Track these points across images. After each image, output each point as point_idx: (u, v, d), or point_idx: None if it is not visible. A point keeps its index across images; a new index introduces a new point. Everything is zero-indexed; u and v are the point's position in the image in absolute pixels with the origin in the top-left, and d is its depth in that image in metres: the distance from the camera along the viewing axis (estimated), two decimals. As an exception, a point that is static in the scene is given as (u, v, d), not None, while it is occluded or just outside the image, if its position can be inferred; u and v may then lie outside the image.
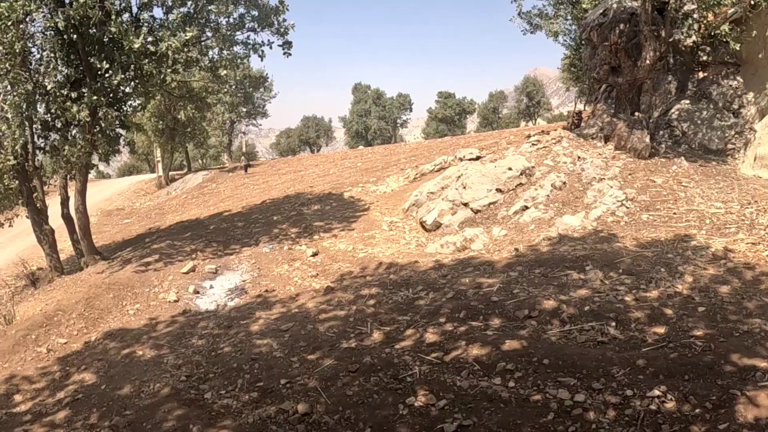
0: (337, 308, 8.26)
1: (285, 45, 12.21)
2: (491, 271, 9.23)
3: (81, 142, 11.23)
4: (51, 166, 14.80)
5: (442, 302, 7.81)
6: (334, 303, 8.52)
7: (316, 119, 55.21)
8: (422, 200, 14.69)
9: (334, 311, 8.14)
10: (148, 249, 13.47)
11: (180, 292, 10.21)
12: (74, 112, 11.02)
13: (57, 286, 12.17)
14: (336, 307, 8.30)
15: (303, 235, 13.33)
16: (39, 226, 13.15)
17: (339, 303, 8.48)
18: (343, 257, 11.13)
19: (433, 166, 17.92)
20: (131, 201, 26.69)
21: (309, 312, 8.27)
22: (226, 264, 11.88)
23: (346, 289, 9.17)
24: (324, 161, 28.46)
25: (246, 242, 13.39)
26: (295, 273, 10.70)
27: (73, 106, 11.14)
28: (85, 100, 10.70)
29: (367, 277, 9.63)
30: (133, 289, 10.40)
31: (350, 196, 16.91)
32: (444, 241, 11.26)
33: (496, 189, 13.35)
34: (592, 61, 17.54)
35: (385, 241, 12.05)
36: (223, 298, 9.93)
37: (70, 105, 11.16)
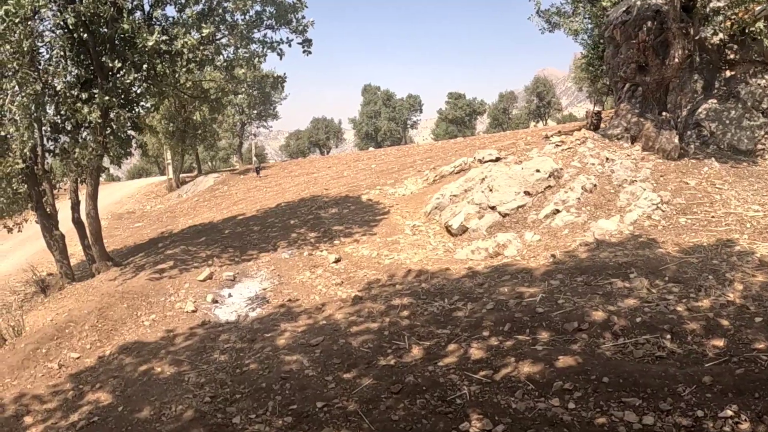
0: (368, 320, 7.68)
1: (305, 43, 11.64)
2: (530, 279, 8.66)
3: (92, 145, 10.69)
4: (61, 170, 14.30)
5: (482, 314, 7.26)
6: (364, 314, 7.94)
7: (326, 121, 54.63)
8: (445, 203, 14.10)
9: (366, 323, 7.56)
10: (162, 255, 12.92)
11: (198, 302, 9.63)
12: (85, 113, 10.48)
13: (68, 293, 11.63)
14: (367, 319, 7.72)
15: (322, 240, 12.74)
16: (49, 231, 12.63)
17: (370, 314, 7.89)
18: (367, 264, 10.53)
19: (452, 168, 17.30)
20: (142, 204, 26.21)
21: (338, 324, 7.69)
22: (244, 271, 11.31)
23: (375, 298, 8.58)
24: (336, 163, 27.90)
25: (263, 247, 12.81)
26: (318, 281, 10.11)
27: (83, 107, 10.61)
28: (97, 101, 10.16)
29: (397, 286, 9.04)
30: (148, 298, 9.84)
31: (368, 199, 16.32)
32: (475, 247, 10.65)
33: (524, 192, 12.76)
34: (615, 60, 16.98)
35: (410, 247, 11.45)
36: (243, 307, 9.35)
37: (81, 106, 10.64)
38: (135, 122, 12.43)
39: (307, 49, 11.64)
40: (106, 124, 11.41)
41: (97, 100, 10.16)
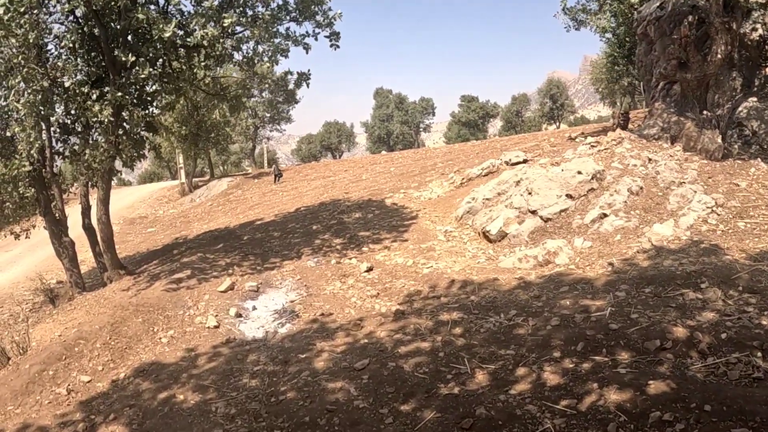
0: (417, 338, 6.72)
1: (332, 36, 10.70)
2: (592, 290, 7.72)
3: (104, 145, 9.79)
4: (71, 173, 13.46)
5: (548, 331, 6.38)
6: (410, 332, 6.98)
7: (338, 124, 53.75)
8: (477, 207, 13.12)
9: (415, 342, 6.61)
10: (178, 263, 12.00)
11: (220, 315, 8.69)
12: (96, 112, 9.59)
13: (78, 304, 10.72)
14: (415, 337, 6.76)
15: (349, 247, 11.79)
16: (58, 237, 11.74)
17: (417, 332, 6.93)
18: (403, 273, 9.57)
19: (479, 171, 16.33)
20: (154, 208, 25.35)
21: (383, 343, 6.74)
22: (268, 280, 10.36)
23: (419, 313, 7.62)
24: (353, 166, 26.96)
25: (286, 255, 11.87)
26: (351, 292, 9.15)
27: (94, 105, 9.72)
28: (109, 98, 9.27)
29: (442, 298, 8.07)
30: (165, 312, 8.90)
31: (393, 203, 15.36)
32: (522, 255, 9.67)
33: (566, 195, 11.78)
34: (648, 58, 16.06)
35: (448, 254, 10.48)
36: (270, 322, 8.39)
37: (92, 104, 9.74)
38: (149, 122, 11.54)
39: (335, 42, 10.70)
40: (119, 124, 10.53)
41: (109, 97, 9.26)
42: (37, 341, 8.92)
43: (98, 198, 11.73)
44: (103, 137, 9.82)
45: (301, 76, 10.87)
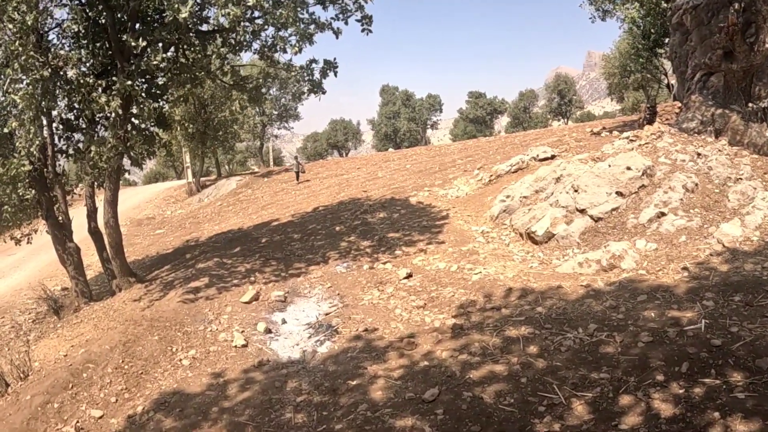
0: (487, 360, 5.62)
1: (364, 20, 9.54)
2: (674, 299, 6.70)
3: (111, 141, 8.63)
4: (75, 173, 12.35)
5: (641, 349, 5.35)
6: (476, 351, 5.87)
7: (345, 122, 52.50)
8: (515, 206, 11.98)
9: (486, 365, 5.50)
10: (194, 269, 10.86)
11: (246, 331, 7.55)
12: (102, 104, 8.45)
13: (84, 317, 9.59)
14: (485, 359, 5.66)
15: (380, 250, 10.65)
16: (62, 243, 10.60)
17: (485, 351, 5.82)
18: (449, 280, 8.43)
19: (508, 167, 15.19)
20: (161, 209, 24.19)
21: (447, 366, 5.62)
22: (295, 289, 9.23)
23: (481, 327, 6.50)
24: (365, 164, 25.80)
25: (311, 259, 10.73)
26: (392, 302, 8.01)
27: (101, 96, 8.57)
28: (117, 87, 8.11)
29: (502, 310, 6.94)
30: (183, 327, 7.76)
31: (418, 202, 14.21)
32: (582, 259, 8.53)
33: (615, 192, 10.65)
34: (684, 48, 15.00)
35: (494, 258, 9.35)
36: (306, 339, 7.25)
37: (97, 96, 8.59)
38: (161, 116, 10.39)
39: (367, 27, 9.54)
40: (127, 118, 9.39)
41: (117, 87, 8.11)
42: (40, 361, 7.79)
43: (105, 199, 10.58)
44: (111, 132, 8.65)
45: (327, 64, 9.72)
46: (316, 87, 10.01)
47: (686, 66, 15.09)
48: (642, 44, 18.89)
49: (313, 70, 9.79)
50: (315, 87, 10.01)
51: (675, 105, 18.68)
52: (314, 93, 10.08)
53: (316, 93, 10.03)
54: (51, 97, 8.39)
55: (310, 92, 10.03)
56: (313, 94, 10.06)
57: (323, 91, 9.88)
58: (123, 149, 8.93)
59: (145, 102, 8.64)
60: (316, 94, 10.00)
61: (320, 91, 9.85)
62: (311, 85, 10.00)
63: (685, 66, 15.15)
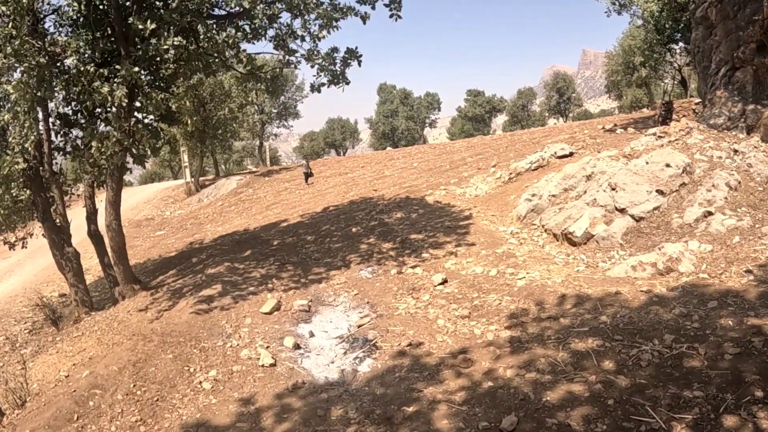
0: (560, 379, 4.80)
1: (392, 5, 8.62)
2: (747, 305, 6.12)
3: (116, 135, 7.66)
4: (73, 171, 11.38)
5: (730, 362, 4.70)
6: (544, 368, 5.03)
7: (342, 121, 51.48)
8: (543, 205, 11.15)
9: (562, 385, 4.69)
10: (203, 274, 9.91)
11: (272, 347, 6.63)
12: (105, 94, 7.47)
13: (86, 329, 8.63)
14: (557, 377, 4.84)
15: (405, 253, 9.76)
16: (59, 247, 9.61)
17: (554, 367, 4.99)
18: (491, 286, 7.55)
19: (528, 164, 14.35)
20: (160, 209, 23.12)
21: (517, 387, 4.78)
22: (318, 296, 8.32)
23: (541, 340, 5.65)
24: (368, 162, 24.89)
25: (331, 263, 9.82)
26: (432, 312, 7.12)
27: (103, 86, 7.59)
28: (123, 73, 7.15)
29: (561, 320, 6.08)
30: (200, 343, 6.83)
31: (435, 201, 13.33)
32: (635, 262, 7.69)
33: (656, 190, 9.85)
34: (707, 43, 14.33)
35: (534, 261, 8.49)
36: (341, 356, 6.33)
37: (99, 85, 7.61)
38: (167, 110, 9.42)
39: (396, 12, 8.62)
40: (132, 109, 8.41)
41: (123, 73, 7.15)
42: (38, 382, 6.84)
43: (107, 200, 9.61)
44: (116, 124, 7.67)
45: (349, 53, 8.80)
46: (337, 78, 9.09)
47: (709, 61, 14.40)
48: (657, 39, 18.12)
49: (335, 59, 8.87)
50: (336, 78, 9.08)
51: (692, 101, 17.96)
52: (335, 84, 9.15)
53: (338, 84, 9.11)
54: (48, 87, 7.41)
55: (330, 83, 9.11)
56: (333, 85, 9.14)
57: (347, 82, 8.95)
58: (128, 144, 7.96)
59: (151, 92, 7.68)
60: (337, 85, 9.08)
61: (343, 82, 8.93)
62: (332, 76, 9.08)
63: (708, 61, 14.46)
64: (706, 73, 14.74)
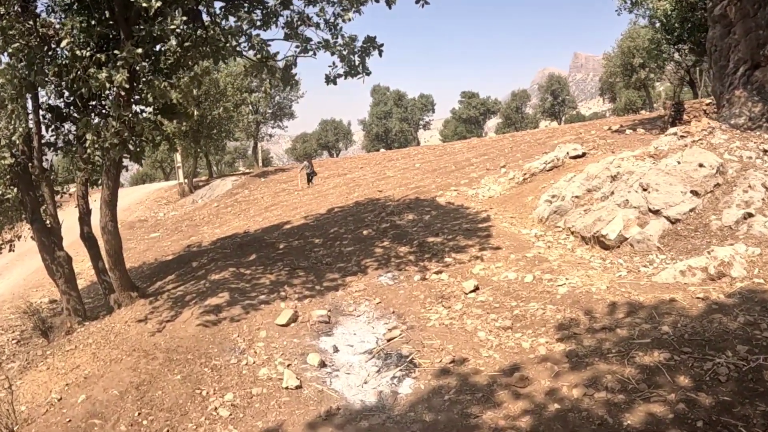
0: (634, 397, 4.18)
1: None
2: None
3: (115, 125, 6.78)
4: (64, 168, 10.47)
5: None
6: (613, 386, 4.33)
7: (335, 122, 50.58)
8: (567, 206, 10.45)
9: (638, 405, 4.10)
10: (206, 280, 9.05)
11: (294, 365, 5.80)
12: (103, 80, 6.61)
13: (80, 341, 7.73)
14: (631, 395, 4.20)
15: (424, 257, 8.98)
16: (50, 251, 8.70)
17: (624, 385, 4.32)
18: (529, 294, 6.80)
19: (542, 165, 13.67)
20: (153, 211, 22.11)
21: (586, 409, 4.08)
22: (337, 305, 7.51)
23: (601, 354, 4.92)
24: (366, 163, 24.10)
25: (345, 268, 9.01)
26: (469, 322, 6.34)
27: (100, 71, 6.73)
28: (125, 55, 6.29)
29: (617, 330, 5.36)
30: (211, 360, 5.98)
31: (448, 202, 12.58)
32: (684, 266, 6.99)
33: (690, 191, 9.20)
34: (725, 41, 13.86)
35: (569, 266, 7.75)
36: (374, 374, 5.53)
37: (95, 72, 6.74)
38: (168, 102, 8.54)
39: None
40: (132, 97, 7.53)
41: (125, 55, 6.29)
42: (27, 404, 5.95)
43: (102, 199, 8.71)
44: (115, 112, 6.80)
45: (369, 41, 8.01)
46: (354, 69, 8.30)
47: (727, 60, 13.88)
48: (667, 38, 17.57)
49: (354, 48, 8.08)
50: (353, 69, 8.29)
51: (702, 102, 17.44)
52: (351, 76, 8.36)
53: (355, 75, 8.32)
54: (39, 71, 6.53)
55: (347, 75, 8.31)
56: (351, 76, 8.34)
57: (367, 72, 8.16)
58: (128, 136, 7.08)
59: (154, 79, 6.82)
60: (355, 77, 8.28)
61: (364, 72, 8.13)
62: (348, 67, 8.28)
63: (725, 60, 13.93)
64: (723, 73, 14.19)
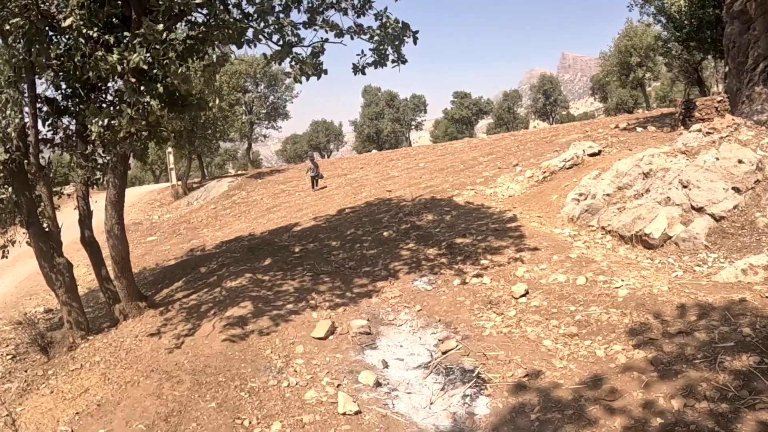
0: (739, 407, 3.89)
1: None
2: None
3: (130, 113, 5.94)
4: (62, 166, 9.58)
5: None
6: (713, 395, 3.93)
7: (326, 123, 49.62)
8: (598, 205, 9.82)
9: (747, 415, 3.89)
10: (221, 288, 8.21)
11: (346, 386, 5.02)
12: (114, 62, 5.78)
13: (85, 359, 6.85)
14: (736, 404, 3.90)
15: (457, 260, 8.25)
16: (48, 258, 7.78)
17: (723, 393, 3.85)
18: (585, 297, 6.10)
19: (561, 163, 13.04)
20: (147, 213, 21.07)
21: (694, 422, 3.82)
22: (374, 314, 6.74)
23: (685, 359, 4.32)
24: (366, 164, 23.29)
25: (372, 273, 8.24)
26: (529, 330, 5.62)
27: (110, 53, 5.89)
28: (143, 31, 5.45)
29: (695, 333, 4.72)
30: (246, 383, 5.17)
31: (466, 202, 11.87)
32: (744, 265, 6.39)
33: (732, 188, 8.63)
34: (744, 38, 13.51)
35: (619, 267, 7.07)
36: (439, 393, 4.76)
37: (104, 54, 5.90)
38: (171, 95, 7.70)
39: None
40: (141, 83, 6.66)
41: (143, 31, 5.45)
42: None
43: (108, 200, 7.83)
44: (130, 98, 5.95)
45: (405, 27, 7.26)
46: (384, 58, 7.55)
47: (746, 56, 13.44)
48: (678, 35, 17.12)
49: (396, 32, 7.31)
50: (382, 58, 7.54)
51: (714, 99, 16.97)
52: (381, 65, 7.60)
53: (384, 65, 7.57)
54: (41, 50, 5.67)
55: (377, 64, 7.55)
56: (380, 66, 7.59)
57: (403, 60, 7.41)
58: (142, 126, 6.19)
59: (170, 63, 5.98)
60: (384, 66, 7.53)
61: (400, 61, 7.38)
62: (378, 56, 7.52)
63: (744, 56, 13.50)
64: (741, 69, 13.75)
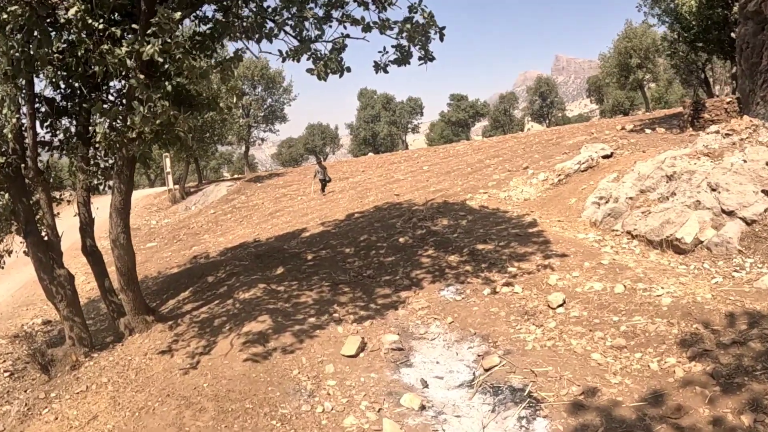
0: None
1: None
2: None
3: (142, 109, 5.40)
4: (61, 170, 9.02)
5: None
6: None
7: (322, 127, 49.05)
8: (621, 209, 9.42)
9: None
10: (234, 299, 7.67)
11: (388, 411, 4.51)
12: (123, 55, 5.27)
13: (90, 380, 6.29)
14: None
15: (482, 267, 7.77)
16: (48, 269, 7.20)
17: None
18: (625, 306, 5.64)
19: (576, 166, 12.65)
20: (144, 219, 20.42)
21: None
22: (404, 327, 6.24)
23: (745, 371, 4.03)
24: (367, 167, 22.83)
25: (393, 282, 7.75)
26: (574, 342, 5.14)
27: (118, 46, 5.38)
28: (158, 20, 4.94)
29: (750, 344, 4.35)
30: (276, 409, 4.66)
31: (481, 206, 11.42)
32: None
33: (761, 191, 8.28)
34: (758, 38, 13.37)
35: (655, 273, 6.63)
36: (490, 415, 4.24)
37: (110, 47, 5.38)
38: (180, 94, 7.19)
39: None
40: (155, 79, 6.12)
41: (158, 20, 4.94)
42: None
43: (113, 206, 7.29)
44: (143, 95, 5.41)
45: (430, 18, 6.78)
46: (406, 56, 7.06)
47: (760, 57, 13.20)
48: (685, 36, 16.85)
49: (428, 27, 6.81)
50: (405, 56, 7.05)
51: (723, 100, 16.68)
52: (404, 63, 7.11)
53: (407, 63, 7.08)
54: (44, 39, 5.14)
55: (401, 63, 7.06)
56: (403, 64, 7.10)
57: (431, 58, 6.91)
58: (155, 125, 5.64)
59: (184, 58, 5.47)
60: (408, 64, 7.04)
61: (427, 58, 6.88)
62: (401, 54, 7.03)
63: (758, 57, 13.26)
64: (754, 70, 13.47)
